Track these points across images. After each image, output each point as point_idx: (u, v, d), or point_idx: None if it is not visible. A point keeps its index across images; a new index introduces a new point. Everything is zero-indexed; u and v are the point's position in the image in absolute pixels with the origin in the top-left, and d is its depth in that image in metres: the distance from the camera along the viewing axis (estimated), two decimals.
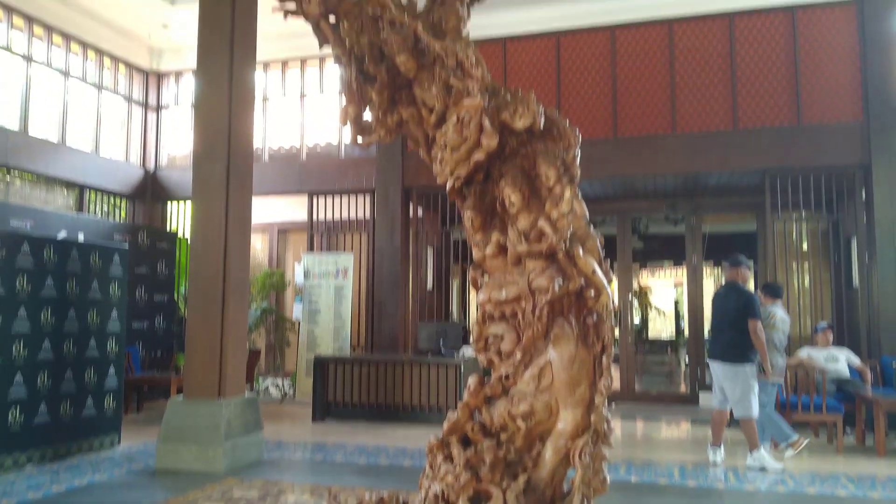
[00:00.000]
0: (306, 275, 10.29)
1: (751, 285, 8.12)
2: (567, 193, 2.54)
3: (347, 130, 2.78)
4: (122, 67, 11.09)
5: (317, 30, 2.62)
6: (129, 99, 11.28)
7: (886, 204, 8.17)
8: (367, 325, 10.38)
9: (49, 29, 9.68)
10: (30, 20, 9.39)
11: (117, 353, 6.97)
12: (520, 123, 2.61)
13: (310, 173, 10.68)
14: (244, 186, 6.05)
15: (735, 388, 5.93)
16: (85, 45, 10.28)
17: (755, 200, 9.56)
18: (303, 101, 11.01)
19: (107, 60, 10.77)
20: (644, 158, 8.98)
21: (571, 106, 9.39)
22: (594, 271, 2.56)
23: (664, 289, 21.04)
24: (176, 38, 10.76)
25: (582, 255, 2.54)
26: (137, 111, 11.43)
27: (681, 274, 20.07)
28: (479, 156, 2.61)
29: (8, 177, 9.22)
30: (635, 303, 13.36)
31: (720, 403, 6.21)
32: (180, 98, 11.68)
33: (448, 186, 2.73)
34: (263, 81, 11.03)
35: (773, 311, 6.65)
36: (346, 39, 2.59)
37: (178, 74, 11.63)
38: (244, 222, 6.17)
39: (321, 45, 2.70)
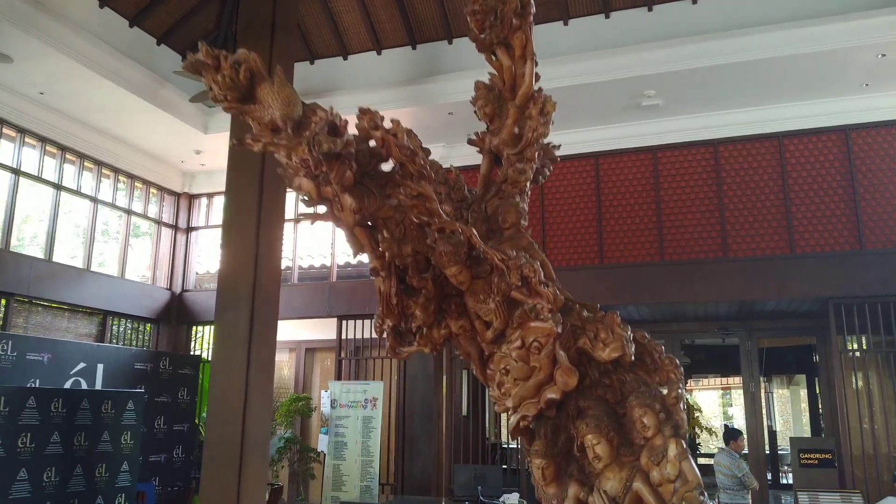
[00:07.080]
0: (333, 404, 9.65)
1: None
2: (672, 450, 1.97)
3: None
4: (153, 191, 11.01)
5: (351, 237, 2.13)
6: (158, 221, 11.13)
7: None
8: (397, 460, 9.60)
9: (82, 157, 9.64)
10: (63, 149, 9.36)
11: None
12: (604, 355, 2.07)
13: (339, 296, 10.24)
14: (267, 341, 5.60)
15: None
16: (117, 171, 10.22)
17: (816, 324, 8.87)
18: None
19: (138, 184, 10.70)
20: (694, 284, 8.38)
21: (612, 227, 8.90)
22: None
23: (711, 397, 19.88)
24: (208, 163, 10.69)
25: None
26: (166, 233, 11.25)
27: (729, 381, 18.90)
28: (552, 394, 2.06)
29: (29, 307, 8.93)
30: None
31: None
32: (211, 219, 11.50)
33: (511, 425, 2.19)
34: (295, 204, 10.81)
35: (718, 460, 7.84)
36: (386, 251, 2.12)
37: (209, 196, 11.51)
38: (266, 380, 5.68)
39: (355, 255, 2.26)
